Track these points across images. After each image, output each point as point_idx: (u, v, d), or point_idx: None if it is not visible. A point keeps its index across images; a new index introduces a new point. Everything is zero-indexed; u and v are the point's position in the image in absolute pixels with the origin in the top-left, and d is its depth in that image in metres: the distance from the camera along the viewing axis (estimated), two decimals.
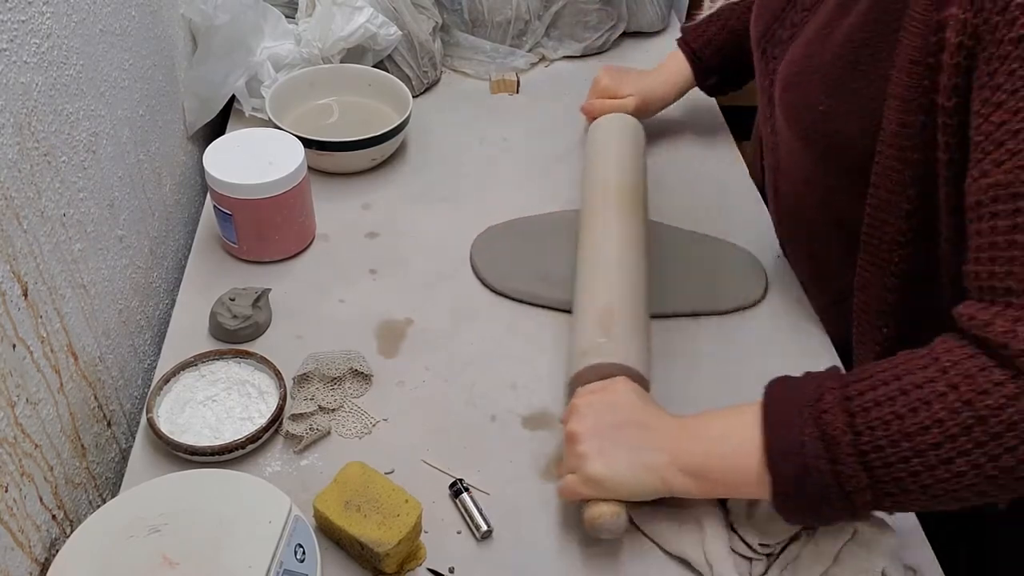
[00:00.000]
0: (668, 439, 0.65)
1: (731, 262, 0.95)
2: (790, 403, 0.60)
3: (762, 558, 0.67)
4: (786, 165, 0.83)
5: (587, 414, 0.68)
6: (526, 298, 0.90)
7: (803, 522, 0.64)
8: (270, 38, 1.10)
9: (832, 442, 0.57)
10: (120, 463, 0.80)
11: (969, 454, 0.53)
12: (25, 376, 0.62)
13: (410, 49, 1.15)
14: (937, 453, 0.54)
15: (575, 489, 0.66)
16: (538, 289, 0.90)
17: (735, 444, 0.62)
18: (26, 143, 0.62)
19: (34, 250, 0.63)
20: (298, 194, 0.89)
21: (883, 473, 0.56)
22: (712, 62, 1.04)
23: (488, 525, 0.70)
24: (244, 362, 0.79)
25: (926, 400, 0.55)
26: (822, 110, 0.70)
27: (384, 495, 0.67)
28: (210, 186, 0.88)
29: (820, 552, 0.65)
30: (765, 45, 0.82)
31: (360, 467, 0.69)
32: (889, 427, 0.55)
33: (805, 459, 0.57)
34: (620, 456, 0.65)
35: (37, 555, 0.63)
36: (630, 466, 0.65)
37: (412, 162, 1.08)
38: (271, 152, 0.89)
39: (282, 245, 0.92)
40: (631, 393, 0.69)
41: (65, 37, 0.69)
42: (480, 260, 0.93)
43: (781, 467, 0.59)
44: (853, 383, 0.58)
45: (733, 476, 0.63)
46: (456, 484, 0.72)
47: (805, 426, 0.58)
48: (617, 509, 0.65)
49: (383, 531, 0.65)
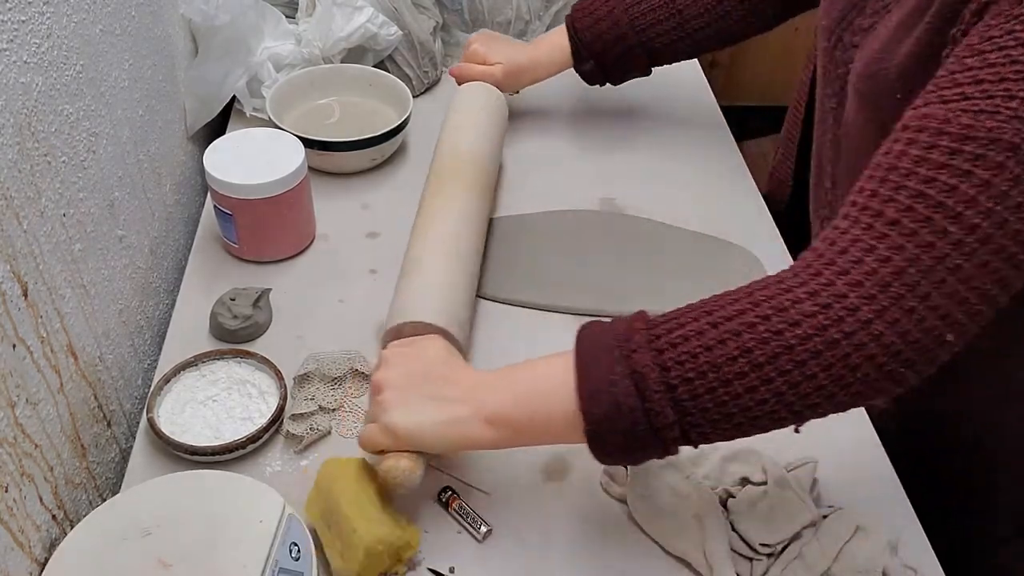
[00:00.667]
0: (473, 390, 0.65)
1: (731, 262, 0.95)
2: (600, 345, 0.60)
3: (762, 558, 0.67)
4: (855, 159, 0.80)
5: (395, 364, 0.67)
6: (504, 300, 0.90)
7: (615, 462, 0.64)
8: (270, 38, 1.10)
9: (641, 379, 0.57)
10: (120, 463, 0.80)
11: (772, 382, 0.55)
12: (25, 376, 0.62)
13: (411, 49, 1.15)
14: (743, 382, 0.55)
15: (374, 438, 0.65)
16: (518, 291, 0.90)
17: (545, 390, 0.62)
18: (26, 143, 0.62)
19: (34, 250, 0.63)
20: (298, 194, 0.89)
21: (691, 405, 0.56)
22: (593, 47, 1.02)
23: (487, 524, 0.70)
24: (244, 362, 0.79)
25: (736, 331, 0.56)
26: (898, 99, 0.68)
27: (343, 518, 0.64)
28: (210, 186, 0.88)
29: (821, 551, 0.65)
30: (840, 33, 0.78)
31: (334, 467, 0.67)
32: (697, 359, 0.56)
33: (616, 397, 0.58)
34: (422, 407, 0.64)
35: (37, 555, 0.63)
36: (431, 417, 0.64)
37: (412, 162, 1.08)
38: (271, 152, 0.89)
39: (282, 245, 0.92)
40: (442, 349, 0.69)
41: (65, 37, 0.69)
42: None
43: (593, 407, 0.59)
44: (662, 323, 0.59)
45: (543, 422, 0.62)
46: (441, 495, 0.71)
47: (616, 365, 0.58)
48: (411, 464, 0.64)
49: (344, 560, 0.63)
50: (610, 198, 1.03)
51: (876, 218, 0.55)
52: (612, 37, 1.00)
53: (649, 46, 1.00)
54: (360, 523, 0.63)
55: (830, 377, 0.54)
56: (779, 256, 0.96)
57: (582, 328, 0.63)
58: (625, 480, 0.71)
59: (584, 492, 0.73)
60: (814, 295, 0.55)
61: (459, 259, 0.82)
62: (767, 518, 0.67)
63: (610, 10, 1.00)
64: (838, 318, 0.54)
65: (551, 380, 0.62)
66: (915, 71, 0.66)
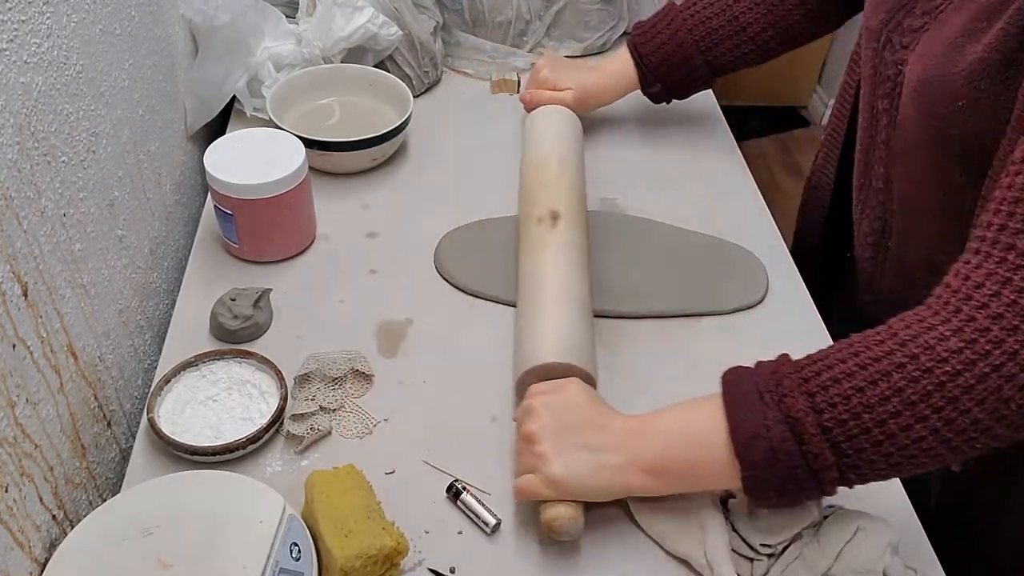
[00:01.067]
0: (625, 439, 0.66)
1: (732, 262, 0.95)
2: (750, 391, 0.61)
3: (763, 558, 0.67)
4: (909, 161, 0.79)
5: (543, 414, 0.68)
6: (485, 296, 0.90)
7: (775, 505, 0.65)
8: (271, 38, 1.10)
9: (796, 423, 0.58)
10: (120, 463, 0.80)
11: (927, 420, 0.56)
12: (25, 376, 0.62)
13: (411, 49, 1.15)
14: (897, 421, 0.56)
15: (535, 490, 0.66)
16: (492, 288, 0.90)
17: (697, 438, 0.63)
18: (26, 143, 0.62)
19: (34, 250, 0.63)
20: (299, 194, 0.89)
21: (847, 447, 0.58)
22: (659, 71, 1.03)
23: (496, 517, 0.70)
24: (245, 362, 0.79)
25: (885, 372, 0.57)
26: (962, 105, 0.68)
27: (319, 539, 0.64)
28: (211, 186, 0.88)
29: (822, 552, 0.65)
30: (889, 34, 0.77)
31: (315, 480, 0.67)
32: (850, 401, 0.57)
33: (772, 443, 0.59)
34: (579, 457, 0.66)
35: (37, 555, 0.63)
36: (590, 467, 0.65)
37: (412, 162, 1.08)
38: (272, 152, 0.89)
39: (283, 245, 0.92)
40: (584, 393, 0.70)
41: (65, 37, 0.69)
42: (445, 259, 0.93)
43: (749, 454, 0.60)
44: (808, 366, 0.60)
45: (697, 469, 0.64)
46: (453, 486, 0.72)
47: (768, 411, 0.59)
48: (574, 512, 0.66)
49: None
50: (610, 198, 1.03)
51: (1008, 251, 0.56)
52: (678, 59, 1.01)
53: (715, 63, 1.01)
54: (335, 543, 0.63)
55: (984, 411, 0.55)
56: (779, 256, 0.96)
57: (726, 373, 0.65)
58: None
59: None
60: (958, 332, 0.56)
61: (580, 301, 0.81)
62: (768, 518, 0.67)
63: (673, 33, 1.00)
64: (984, 352, 0.55)
65: (702, 428, 0.63)
66: (986, 78, 0.65)
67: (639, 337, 0.87)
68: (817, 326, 0.88)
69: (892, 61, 0.77)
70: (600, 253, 0.94)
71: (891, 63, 0.77)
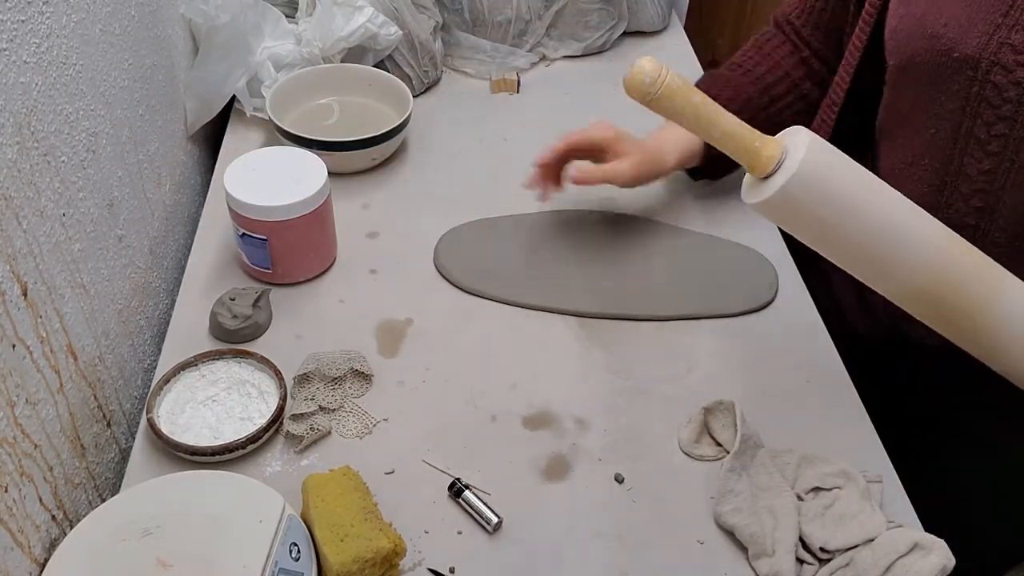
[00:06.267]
0: None
1: (740, 264, 0.95)
2: None
3: (815, 563, 0.67)
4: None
5: None
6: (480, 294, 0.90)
7: None
8: (270, 38, 1.10)
9: None
10: (120, 463, 0.80)
11: None
12: (25, 376, 0.62)
13: (411, 49, 1.15)
14: None
15: None
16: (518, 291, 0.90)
17: None
18: (26, 143, 0.62)
19: (33, 250, 0.63)
20: (328, 207, 0.88)
21: None
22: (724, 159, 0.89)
23: (497, 516, 0.70)
24: (244, 362, 0.79)
25: None
26: None
27: (316, 543, 0.64)
28: (239, 214, 0.84)
29: (873, 561, 0.65)
30: (993, 57, 0.71)
31: (311, 485, 0.67)
32: None
33: None
34: None
35: (36, 555, 0.63)
36: None
37: (412, 162, 1.08)
38: (290, 169, 0.87)
39: (314, 263, 0.91)
40: None
41: (65, 37, 0.69)
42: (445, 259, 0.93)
43: None
44: None
45: None
46: (455, 484, 0.72)
47: None
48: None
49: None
50: (611, 198, 1.03)
51: None
52: None
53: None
54: (330, 548, 0.63)
55: None
56: (781, 257, 0.96)
57: None
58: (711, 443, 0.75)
59: (584, 492, 0.73)
60: None
61: None
62: (836, 523, 0.67)
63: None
64: None
65: None
66: None
67: (639, 337, 0.87)
68: (824, 329, 0.88)
69: (1007, 84, 0.71)
70: (601, 254, 0.94)
71: (1004, 86, 0.71)
